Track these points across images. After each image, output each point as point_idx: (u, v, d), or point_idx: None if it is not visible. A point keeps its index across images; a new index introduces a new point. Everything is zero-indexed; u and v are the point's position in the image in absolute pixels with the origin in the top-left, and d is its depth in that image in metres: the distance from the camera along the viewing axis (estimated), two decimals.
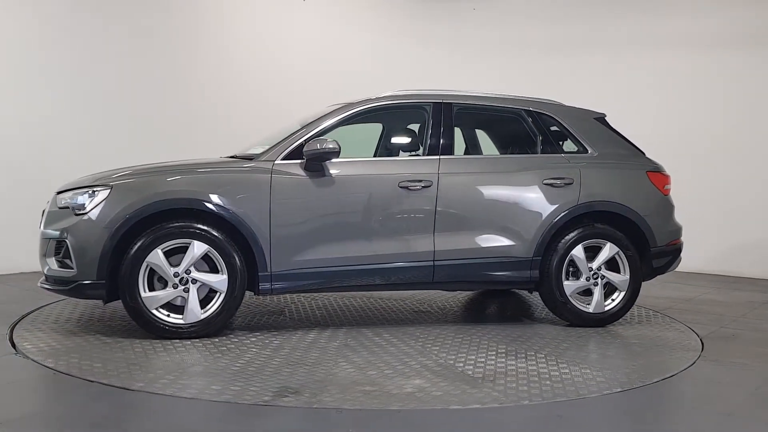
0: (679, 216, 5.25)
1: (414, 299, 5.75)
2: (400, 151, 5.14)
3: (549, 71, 9.17)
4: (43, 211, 4.39)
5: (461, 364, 3.81)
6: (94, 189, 4.15)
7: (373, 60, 9.39)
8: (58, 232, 4.12)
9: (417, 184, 4.55)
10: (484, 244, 4.67)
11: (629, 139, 5.34)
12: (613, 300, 4.91)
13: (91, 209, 4.08)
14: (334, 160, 4.42)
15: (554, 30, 9.28)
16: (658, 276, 5.15)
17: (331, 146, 4.31)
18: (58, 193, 4.32)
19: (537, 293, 5.02)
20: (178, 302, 4.17)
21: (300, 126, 4.64)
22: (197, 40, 7.80)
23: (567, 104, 5.32)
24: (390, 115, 5.14)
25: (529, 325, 4.92)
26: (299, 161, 4.40)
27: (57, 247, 4.16)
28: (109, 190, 4.12)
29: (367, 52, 9.34)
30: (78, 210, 4.11)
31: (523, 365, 3.83)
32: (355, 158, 4.70)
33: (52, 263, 4.18)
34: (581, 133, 5.09)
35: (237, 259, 4.21)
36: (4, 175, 6.40)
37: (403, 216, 4.55)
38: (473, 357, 3.97)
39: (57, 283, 4.17)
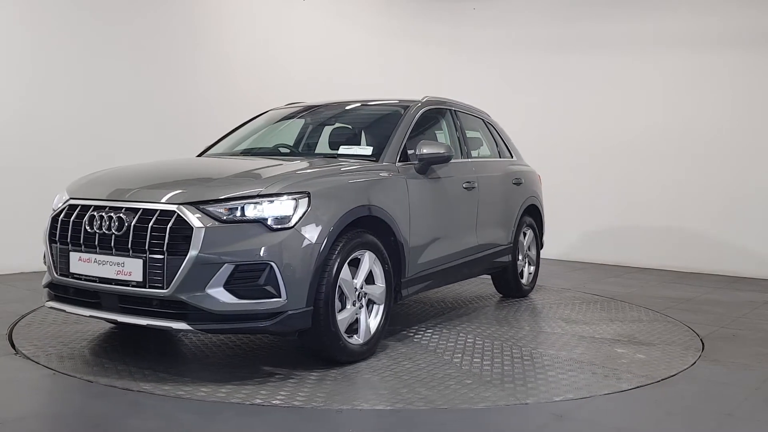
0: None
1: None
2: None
3: (549, 71, 9.18)
4: (128, 226, 3.33)
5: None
6: (294, 197, 3.45)
7: (372, 59, 9.40)
8: (245, 255, 3.26)
9: (470, 184, 5.02)
10: (495, 236, 5.45)
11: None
12: (530, 273, 6.12)
13: (297, 222, 3.40)
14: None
15: (554, 30, 9.29)
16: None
17: (443, 151, 4.40)
18: (202, 203, 3.32)
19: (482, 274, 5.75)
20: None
21: (397, 127, 4.53)
22: (197, 39, 7.80)
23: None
24: (423, 119, 5.03)
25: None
26: (413, 164, 4.38)
27: (236, 274, 3.26)
28: (307, 198, 3.48)
29: (367, 51, 9.35)
30: (278, 224, 3.36)
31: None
32: None
33: (222, 295, 3.24)
34: (506, 140, 6.16)
35: (390, 266, 3.96)
36: (4, 175, 6.40)
37: (467, 214, 5.01)
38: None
39: (240, 320, 3.29)
